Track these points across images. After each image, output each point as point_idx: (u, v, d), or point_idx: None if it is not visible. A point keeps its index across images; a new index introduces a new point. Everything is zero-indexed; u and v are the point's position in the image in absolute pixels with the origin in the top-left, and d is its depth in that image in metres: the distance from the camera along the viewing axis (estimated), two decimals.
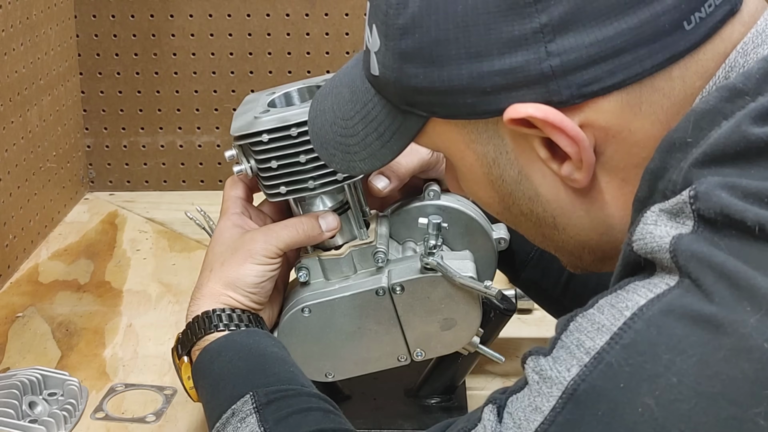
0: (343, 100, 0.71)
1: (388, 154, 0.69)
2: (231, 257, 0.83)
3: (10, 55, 1.28)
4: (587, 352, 0.52)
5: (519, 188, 0.65)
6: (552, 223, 0.66)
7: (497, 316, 0.91)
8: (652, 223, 0.53)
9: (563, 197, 0.64)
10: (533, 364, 0.56)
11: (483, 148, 0.64)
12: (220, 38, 1.53)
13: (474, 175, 0.66)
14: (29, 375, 0.99)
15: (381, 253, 0.87)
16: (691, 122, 0.55)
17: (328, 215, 0.86)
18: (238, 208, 0.88)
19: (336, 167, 0.74)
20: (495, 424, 0.58)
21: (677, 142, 0.55)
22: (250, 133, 0.82)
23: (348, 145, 0.71)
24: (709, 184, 0.51)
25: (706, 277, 0.49)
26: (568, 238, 0.67)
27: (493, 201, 0.68)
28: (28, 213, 1.35)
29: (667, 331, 0.49)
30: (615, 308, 0.53)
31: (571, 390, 0.52)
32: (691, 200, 0.51)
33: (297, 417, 0.73)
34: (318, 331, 0.87)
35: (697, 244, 0.50)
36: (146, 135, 1.57)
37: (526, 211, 0.66)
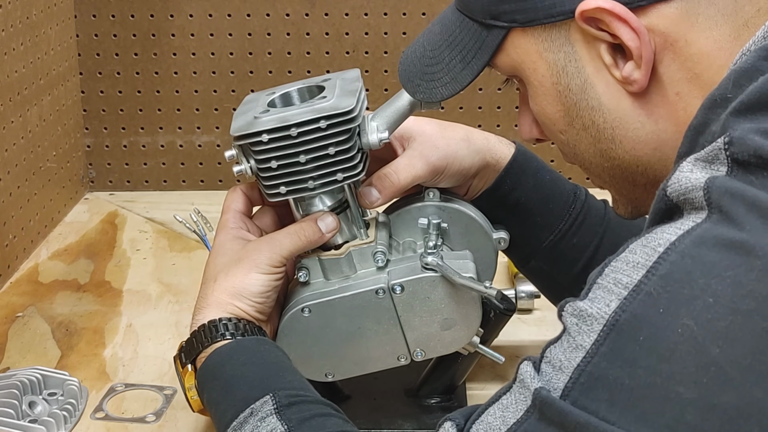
0: (433, 34, 0.79)
1: (468, 75, 0.76)
2: (235, 267, 0.83)
3: (10, 54, 1.28)
4: (625, 287, 0.55)
5: (583, 97, 0.70)
6: (611, 135, 0.71)
7: (497, 316, 0.91)
8: (687, 171, 0.56)
9: (623, 106, 0.69)
10: (571, 309, 0.58)
11: (554, 56, 0.70)
12: (220, 38, 1.53)
13: (544, 88, 0.72)
14: (29, 375, 0.99)
15: (381, 253, 0.87)
16: (731, 80, 0.58)
17: (326, 216, 0.86)
18: (236, 222, 0.88)
19: (420, 96, 0.80)
20: (533, 374, 0.59)
21: (718, 99, 0.58)
22: (249, 133, 0.82)
23: (432, 73, 0.78)
24: (743, 130, 0.54)
25: (738, 209, 0.52)
26: (624, 153, 0.71)
27: (558, 115, 0.73)
28: (27, 213, 1.35)
29: (701, 258, 0.52)
30: (647, 247, 0.55)
31: (613, 322, 0.54)
32: (726, 146, 0.54)
33: (319, 419, 0.73)
34: (318, 331, 0.87)
35: (730, 182, 0.53)
36: (146, 135, 1.57)
37: (587, 123, 0.71)
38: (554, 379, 0.57)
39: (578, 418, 0.54)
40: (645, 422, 0.52)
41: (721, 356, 0.51)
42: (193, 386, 0.82)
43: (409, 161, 0.89)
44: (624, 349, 0.54)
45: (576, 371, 0.55)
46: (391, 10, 1.52)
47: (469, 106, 1.56)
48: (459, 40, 0.76)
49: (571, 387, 0.56)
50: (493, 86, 1.55)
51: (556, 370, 0.57)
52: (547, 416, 0.57)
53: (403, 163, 0.89)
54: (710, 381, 0.51)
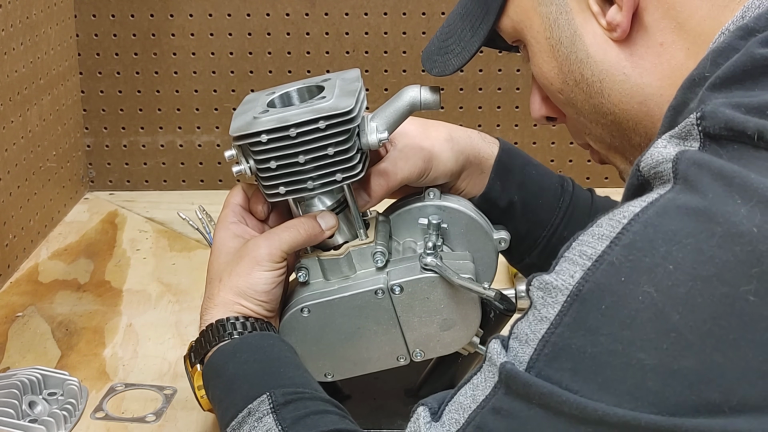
0: (452, 13, 0.83)
1: (476, 41, 0.79)
2: (237, 266, 0.83)
3: (9, 54, 1.28)
4: (589, 257, 0.55)
5: (573, 50, 0.72)
6: (599, 89, 0.72)
7: (497, 316, 0.91)
8: (661, 147, 0.56)
9: (608, 57, 0.70)
10: (537, 282, 0.58)
11: (547, 8, 0.73)
12: (220, 38, 1.53)
13: (539, 44, 0.75)
14: (29, 375, 0.99)
15: (380, 254, 0.87)
16: (709, 59, 0.59)
17: (326, 214, 0.86)
18: (235, 216, 0.88)
19: (436, 72, 0.83)
20: (500, 350, 0.60)
21: (697, 78, 0.59)
22: (249, 133, 0.82)
23: (447, 46, 0.82)
24: (715, 104, 0.54)
25: (702, 178, 0.52)
26: (613, 107, 0.72)
27: (553, 73, 0.75)
28: (27, 212, 1.35)
29: (662, 227, 0.53)
30: (613, 220, 0.55)
31: (576, 292, 0.55)
32: (698, 121, 0.54)
33: (314, 417, 0.73)
34: (317, 331, 0.87)
35: (699, 155, 0.54)
36: (146, 134, 1.58)
37: (578, 78, 0.73)
38: (520, 352, 0.58)
39: (542, 389, 0.55)
40: (607, 389, 0.53)
41: (681, 322, 0.51)
42: (202, 386, 0.82)
43: (393, 164, 0.89)
44: (587, 318, 0.54)
45: (540, 342, 0.56)
46: (391, 10, 1.52)
47: (468, 106, 1.56)
48: (469, 10, 0.80)
49: (535, 359, 0.56)
50: (492, 86, 1.55)
51: (522, 343, 0.58)
52: (513, 389, 0.57)
53: (387, 167, 0.89)
54: (671, 347, 0.51)
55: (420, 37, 1.53)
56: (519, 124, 1.56)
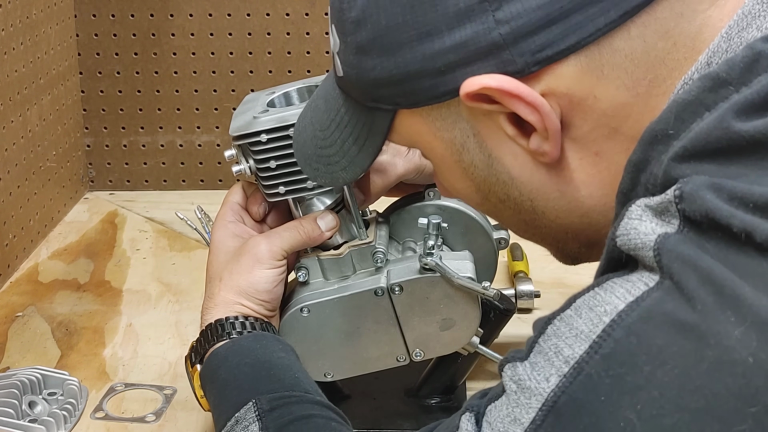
0: (319, 111, 0.72)
1: (366, 157, 0.70)
2: (238, 265, 0.83)
3: (9, 54, 1.28)
4: (566, 361, 0.51)
5: (492, 172, 0.64)
6: (530, 207, 0.64)
7: (497, 316, 0.91)
8: (636, 218, 0.51)
9: (537, 178, 0.62)
10: (510, 373, 0.55)
11: (449, 134, 0.63)
12: (220, 37, 1.53)
13: (447, 166, 0.66)
14: (29, 374, 0.99)
15: (380, 253, 0.87)
16: (673, 113, 0.53)
17: (326, 215, 0.86)
18: (234, 215, 0.88)
19: (322, 181, 0.75)
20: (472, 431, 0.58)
21: (659, 134, 0.54)
22: (248, 133, 0.82)
23: (328, 156, 0.71)
24: (695, 184, 0.49)
25: (689, 280, 0.47)
26: (549, 222, 0.65)
27: (470, 191, 0.67)
28: (27, 212, 1.35)
29: (647, 340, 0.48)
30: (593, 312, 0.51)
31: (551, 402, 0.51)
32: (677, 200, 0.49)
33: (298, 424, 0.73)
34: (317, 331, 0.87)
35: (683, 246, 0.49)
36: (146, 134, 1.57)
37: (503, 197, 0.65)
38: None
39: None
40: None
41: None
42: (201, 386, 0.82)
43: (390, 160, 0.88)
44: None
45: None
46: None
47: None
48: (347, 121, 0.69)
49: None
50: None
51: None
52: None
53: (383, 163, 0.88)
54: None
55: None
56: None
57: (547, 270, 1.28)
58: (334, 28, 0.65)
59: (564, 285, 1.21)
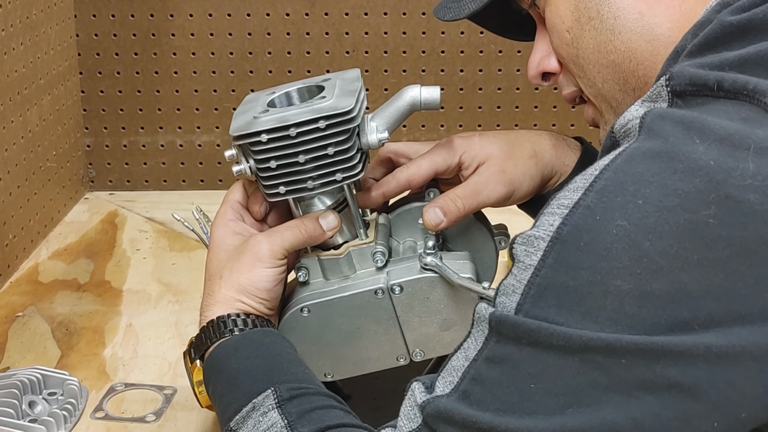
0: None
1: None
2: (238, 263, 0.83)
3: (9, 54, 1.28)
4: (566, 207, 0.59)
5: None
6: (611, 26, 0.74)
7: None
8: (633, 110, 0.61)
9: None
10: (520, 240, 0.61)
11: None
12: (220, 38, 1.53)
13: None
14: (29, 374, 0.99)
15: (380, 254, 0.87)
16: (690, 32, 0.64)
17: (328, 214, 0.86)
18: (234, 213, 0.88)
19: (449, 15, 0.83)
20: (487, 307, 0.62)
21: (679, 50, 0.64)
22: (249, 133, 0.82)
23: None
24: (682, 66, 0.60)
25: (664, 126, 0.58)
26: (621, 44, 0.74)
27: (568, 12, 0.77)
28: (27, 212, 1.35)
29: (630, 170, 0.58)
30: (585, 174, 0.60)
31: (556, 236, 0.59)
32: (667, 81, 0.60)
33: (320, 412, 0.74)
34: (317, 331, 0.87)
35: (664, 110, 0.60)
36: (146, 134, 1.58)
37: (593, 14, 0.75)
38: (507, 302, 0.60)
39: (530, 326, 0.58)
40: (590, 318, 0.57)
41: (651, 248, 0.56)
42: (201, 382, 0.82)
43: (474, 188, 0.88)
44: (567, 257, 0.58)
45: (526, 287, 0.59)
46: (391, 10, 1.52)
47: (469, 106, 1.56)
48: None
49: (522, 302, 0.59)
50: (492, 86, 1.55)
51: (509, 294, 0.60)
52: (503, 334, 0.60)
53: (470, 190, 0.88)
54: (643, 271, 0.56)
55: (420, 37, 1.53)
56: (519, 124, 1.56)
57: None
58: None
59: None
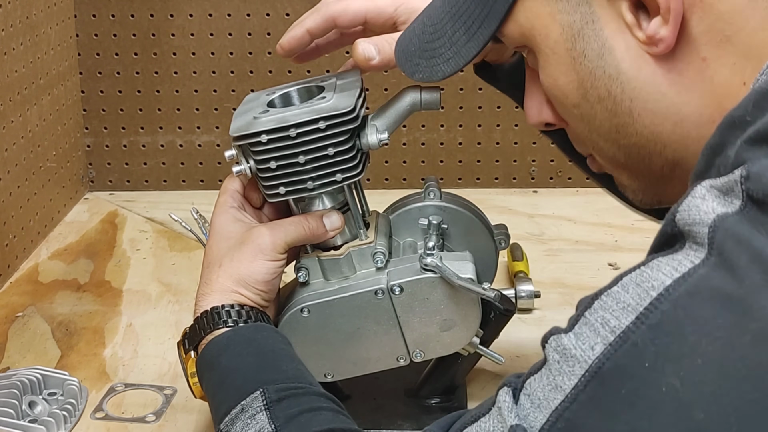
0: (434, 8, 0.74)
1: (473, 47, 0.70)
2: (239, 253, 0.83)
3: (9, 54, 1.28)
4: (612, 330, 0.52)
5: (600, 64, 0.64)
6: (628, 108, 0.65)
7: (497, 316, 0.91)
8: (700, 197, 0.52)
9: (644, 74, 0.63)
10: (555, 344, 0.55)
11: (569, 17, 0.64)
12: (219, 38, 1.53)
13: (556, 55, 0.66)
14: (29, 375, 0.99)
15: (380, 254, 0.87)
16: (752, 101, 0.54)
17: (332, 214, 0.86)
18: (235, 201, 0.87)
19: (419, 77, 0.75)
20: (511, 405, 0.57)
21: (737, 121, 0.54)
22: (249, 133, 0.82)
23: (433, 49, 0.73)
24: (762, 166, 0.50)
25: (740, 257, 0.49)
26: (642, 128, 0.65)
27: (572, 87, 0.67)
28: (27, 212, 1.35)
29: (693, 312, 0.50)
30: (640, 287, 0.52)
31: (596, 368, 0.52)
32: (742, 179, 0.50)
33: (307, 415, 0.73)
34: (317, 332, 0.87)
35: (739, 226, 0.49)
36: (146, 134, 1.58)
37: (603, 94, 0.65)
38: (531, 416, 0.56)
39: None
40: None
41: (705, 422, 0.48)
42: (194, 373, 0.82)
43: None
44: (605, 400, 0.52)
45: (554, 414, 0.54)
46: None
47: (469, 106, 1.56)
48: (463, 11, 0.70)
49: (547, 429, 0.54)
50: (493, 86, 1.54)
51: (534, 407, 0.56)
52: None
53: None
54: None
55: None
56: (519, 124, 1.56)
57: (547, 270, 1.28)
58: None
59: (564, 285, 1.21)
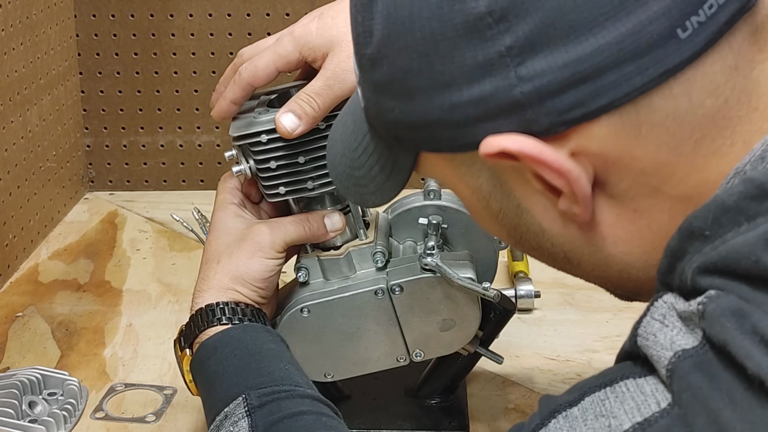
0: (347, 130, 0.68)
1: (393, 187, 0.66)
2: (238, 249, 0.83)
3: (9, 54, 1.28)
4: None
5: (522, 222, 0.59)
6: (564, 257, 0.60)
7: (497, 316, 0.91)
8: (659, 320, 0.50)
9: (570, 232, 0.57)
10: None
11: (475, 181, 0.59)
12: (220, 38, 1.53)
13: (476, 210, 0.62)
14: (29, 375, 0.99)
15: (380, 254, 0.87)
16: (711, 214, 0.49)
17: (333, 215, 0.86)
18: (235, 198, 0.87)
19: (353, 200, 0.72)
20: None
21: (696, 232, 0.50)
22: (249, 133, 0.82)
23: (357, 177, 0.68)
24: (719, 306, 0.46)
25: (697, 418, 0.46)
26: (587, 273, 0.61)
27: (502, 235, 0.63)
28: (27, 212, 1.35)
29: None
30: (598, 422, 0.51)
31: None
32: (700, 315, 0.47)
33: (288, 422, 0.72)
34: (317, 332, 0.87)
35: (696, 374, 0.47)
36: (146, 134, 1.57)
37: (535, 246, 0.60)
38: None
39: None
40: None
41: None
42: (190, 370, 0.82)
43: (325, 83, 0.81)
44: None
45: None
46: None
47: None
48: (372, 150, 0.65)
49: None
50: None
51: None
52: None
53: (318, 87, 0.81)
54: None
55: None
56: None
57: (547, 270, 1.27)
58: (354, 58, 0.61)
59: (564, 285, 1.21)
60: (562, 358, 1.08)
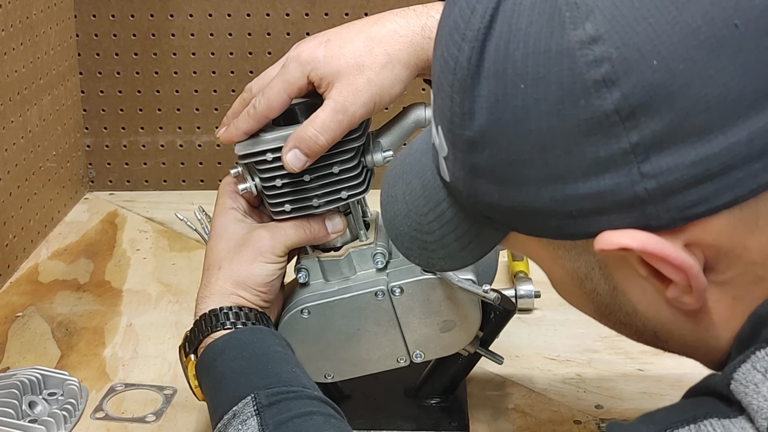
0: (414, 192, 0.65)
1: (469, 258, 0.64)
2: (239, 255, 0.83)
3: (9, 54, 1.28)
4: None
5: (615, 302, 0.58)
6: (653, 335, 0.60)
7: (497, 317, 0.91)
8: (761, 372, 0.49)
9: (665, 315, 0.57)
10: None
11: (573, 264, 0.57)
12: (220, 38, 1.53)
13: (566, 286, 0.60)
14: (29, 375, 0.99)
15: (380, 255, 0.87)
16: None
17: (334, 217, 0.86)
18: (236, 202, 0.88)
19: (415, 261, 0.70)
20: None
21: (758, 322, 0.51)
22: (254, 152, 0.82)
23: (425, 242, 0.65)
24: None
25: None
26: (672, 349, 0.61)
27: (589, 310, 0.62)
28: (27, 212, 1.35)
29: None
30: None
31: None
32: None
33: (297, 421, 0.73)
34: (317, 333, 0.87)
35: None
36: (146, 135, 1.58)
37: (625, 322, 0.60)
38: None
39: None
40: None
41: None
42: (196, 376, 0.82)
43: (332, 116, 0.80)
44: None
45: None
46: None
47: None
48: (449, 219, 0.62)
49: None
50: None
51: None
52: None
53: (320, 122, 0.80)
54: None
55: None
56: None
57: None
58: (440, 131, 0.58)
59: None
60: (562, 358, 1.08)
